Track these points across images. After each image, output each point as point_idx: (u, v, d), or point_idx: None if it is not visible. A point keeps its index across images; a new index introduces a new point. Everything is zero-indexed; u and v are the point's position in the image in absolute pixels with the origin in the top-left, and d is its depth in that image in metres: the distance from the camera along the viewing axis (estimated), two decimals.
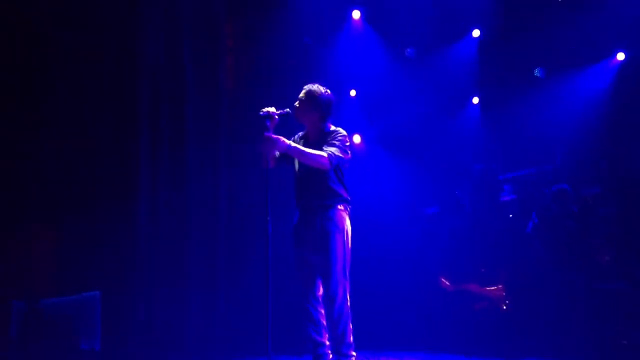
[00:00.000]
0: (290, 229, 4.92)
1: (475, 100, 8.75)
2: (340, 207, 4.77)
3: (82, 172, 6.88)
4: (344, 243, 4.73)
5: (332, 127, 4.87)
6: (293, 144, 4.62)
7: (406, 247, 7.58)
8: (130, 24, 7.01)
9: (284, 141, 4.56)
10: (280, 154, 4.89)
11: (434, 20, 8.04)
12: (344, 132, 4.82)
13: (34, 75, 6.80)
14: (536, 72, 8.08)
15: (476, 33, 8.48)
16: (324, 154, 4.61)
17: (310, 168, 4.70)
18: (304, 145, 4.85)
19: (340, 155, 4.67)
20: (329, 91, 4.89)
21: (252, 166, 6.80)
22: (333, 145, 4.69)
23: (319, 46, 8.12)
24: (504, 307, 6.71)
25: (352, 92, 8.45)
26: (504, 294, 6.75)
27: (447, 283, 7.08)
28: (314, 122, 4.86)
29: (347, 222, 4.79)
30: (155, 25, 7.04)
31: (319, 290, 4.79)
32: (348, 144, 4.79)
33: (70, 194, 6.82)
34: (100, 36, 6.93)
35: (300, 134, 5.02)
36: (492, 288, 6.81)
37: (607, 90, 8.02)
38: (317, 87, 4.85)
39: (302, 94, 4.86)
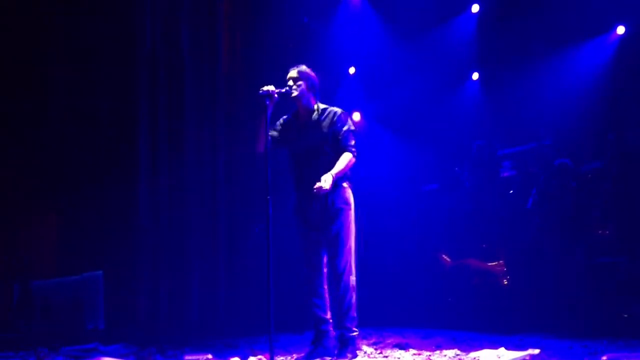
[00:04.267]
0: (291, 209, 4.95)
1: (475, 76, 8.71)
2: (345, 184, 4.85)
3: (84, 154, 6.92)
4: (353, 219, 4.84)
5: (322, 105, 4.91)
6: (335, 171, 4.64)
7: (406, 224, 7.60)
8: (129, 6, 6.98)
9: (330, 177, 4.59)
10: (276, 136, 4.91)
11: None
12: (339, 110, 4.88)
13: (35, 60, 6.81)
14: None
15: (475, 8, 8.42)
16: (349, 155, 4.74)
17: (312, 150, 4.79)
18: (297, 124, 4.92)
19: (355, 142, 4.82)
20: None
21: (252, 146, 6.83)
22: (344, 134, 4.78)
23: (317, 24, 8.08)
24: (505, 283, 6.74)
25: (352, 70, 8.42)
26: (505, 269, 6.78)
27: (448, 259, 7.11)
28: (309, 101, 4.90)
29: (353, 198, 4.89)
30: (153, 6, 7.01)
31: (324, 267, 4.87)
32: (352, 122, 4.89)
33: (73, 176, 6.86)
34: (100, 19, 6.94)
35: (287, 115, 5.01)
36: (493, 263, 6.83)
37: (607, 64, 7.97)
38: (306, 68, 4.91)
39: (296, 75, 4.86)
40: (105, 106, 7.06)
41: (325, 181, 4.59)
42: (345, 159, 4.73)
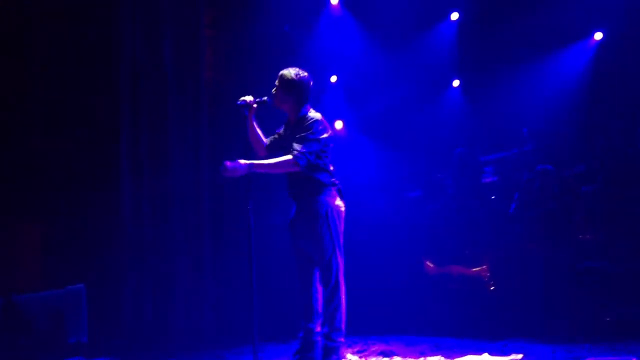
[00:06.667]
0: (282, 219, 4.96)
1: (456, 83, 8.76)
2: (324, 192, 4.74)
3: (64, 165, 6.89)
4: (330, 228, 4.71)
5: (310, 112, 4.80)
6: (255, 162, 4.55)
7: (390, 231, 7.58)
8: (110, 15, 6.98)
9: (243, 163, 4.50)
10: (270, 142, 4.90)
11: (413, 2, 8.01)
12: (315, 117, 4.72)
13: (16, 69, 6.79)
14: None
15: (455, 16, 8.48)
16: (289, 157, 4.55)
17: None
18: (285, 131, 4.86)
19: (307, 150, 4.57)
20: (304, 73, 4.81)
21: (236, 155, 6.81)
22: (299, 140, 4.60)
23: (298, 33, 8.10)
24: (489, 288, 6.75)
25: (333, 78, 8.44)
26: (489, 274, 6.79)
27: (432, 266, 7.12)
28: (291, 106, 4.80)
29: (332, 206, 4.75)
30: (134, 15, 7.01)
31: (315, 278, 4.81)
32: (321, 127, 4.69)
33: (53, 188, 6.82)
34: (80, 26, 6.94)
35: (283, 124, 5.01)
36: (477, 269, 6.85)
37: (586, 69, 8.06)
38: (289, 71, 4.78)
39: (276, 82, 4.82)
40: (87, 117, 7.03)
41: (234, 167, 4.45)
42: (280, 158, 4.58)
